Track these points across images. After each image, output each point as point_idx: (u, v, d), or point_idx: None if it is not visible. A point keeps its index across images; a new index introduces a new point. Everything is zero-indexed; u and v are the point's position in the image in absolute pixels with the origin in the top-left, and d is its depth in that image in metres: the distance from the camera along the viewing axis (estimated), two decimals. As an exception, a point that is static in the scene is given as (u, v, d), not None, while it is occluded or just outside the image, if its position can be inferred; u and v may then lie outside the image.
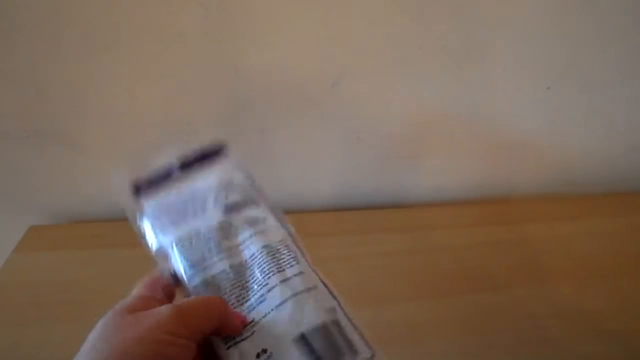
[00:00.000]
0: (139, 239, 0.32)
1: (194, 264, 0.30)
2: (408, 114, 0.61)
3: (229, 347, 0.27)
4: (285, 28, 0.52)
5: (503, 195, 0.71)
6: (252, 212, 0.33)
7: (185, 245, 0.31)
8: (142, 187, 0.33)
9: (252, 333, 0.27)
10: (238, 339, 0.27)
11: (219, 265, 0.30)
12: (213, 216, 0.32)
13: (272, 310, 0.28)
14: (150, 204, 0.33)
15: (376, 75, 0.57)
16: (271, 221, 0.33)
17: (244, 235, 0.32)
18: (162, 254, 0.31)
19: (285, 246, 0.31)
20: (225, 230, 0.32)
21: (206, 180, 0.34)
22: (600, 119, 0.65)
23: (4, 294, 0.50)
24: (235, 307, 0.29)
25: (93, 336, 0.23)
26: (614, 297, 0.52)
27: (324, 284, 0.30)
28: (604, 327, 0.48)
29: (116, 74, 0.52)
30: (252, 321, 0.28)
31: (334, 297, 0.29)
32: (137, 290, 0.28)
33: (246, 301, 0.29)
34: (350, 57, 0.55)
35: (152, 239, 0.32)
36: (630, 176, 0.72)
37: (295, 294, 0.28)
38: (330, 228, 0.61)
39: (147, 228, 0.32)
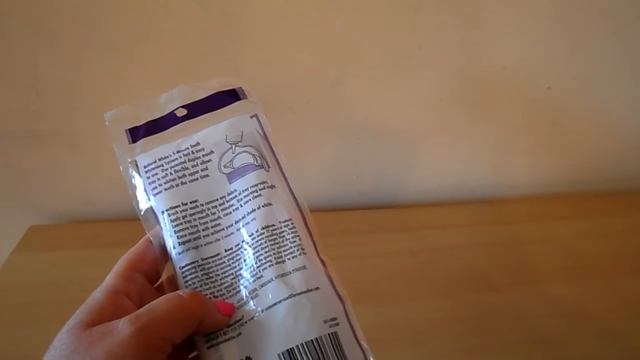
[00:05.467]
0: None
1: (186, 241, 0.27)
2: (408, 114, 0.61)
3: (210, 347, 0.25)
4: (285, 28, 0.52)
5: (502, 195, 0.71)
6: (260, 177, 0.28)
7: (179, 216, 0.27)
8: (139, 135, 0.30)
9: (239, 334, 0.25)
10: (221, 339, 0.25)
11: (214, 248, 0.27)
12: (215, 183, 0.28)
13: (262, 311, 0.25)
14: (145, 156, 0.29)
15: (376, 75, 0.57)
16: (281, 192, 0.28)
17: (246, 208, 0.27)
18: (152, 219, 0.28)
19: (291, 229, 0.27)
20: (227, 203, 0.28)
21: (213, 131, 0.29)
22: (600, 119, 0.65)
23: (4, 294, 0.50)
24: (223, 298, 0.26)
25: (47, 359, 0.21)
26: (613, 297, 0.52)
27: (331, 281, 0.26)
28: (603, 327, 0.48)
29: (116, 74, 0.52)
30: (241, 319, 0.25)
31: (340, 299, 0.26)
32: (110, 278, 0.25)
33: (237, 293, 0.26)
34: (350, 57, 0.55)
35: (142, 198, 0.28)
36: (630, 176, 0.72)
37: (292, 296, 0.25)
38: (329, 228, 0.61)
39: (139, 184, 0.29)
